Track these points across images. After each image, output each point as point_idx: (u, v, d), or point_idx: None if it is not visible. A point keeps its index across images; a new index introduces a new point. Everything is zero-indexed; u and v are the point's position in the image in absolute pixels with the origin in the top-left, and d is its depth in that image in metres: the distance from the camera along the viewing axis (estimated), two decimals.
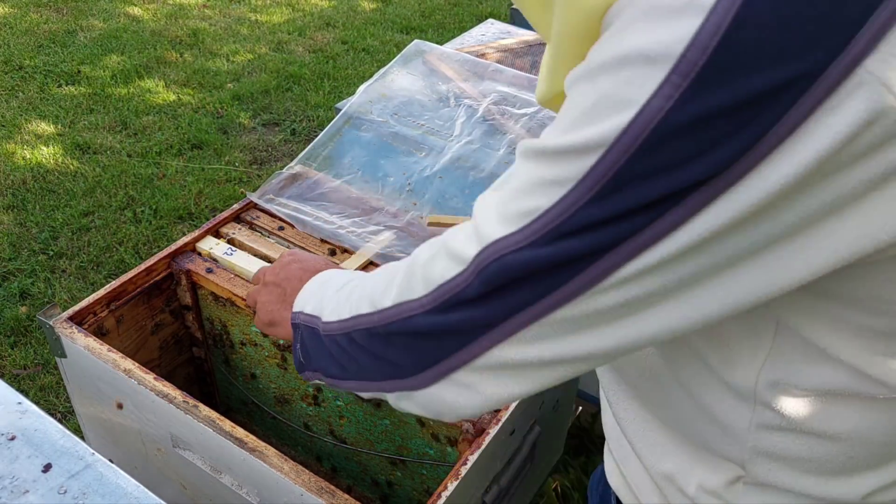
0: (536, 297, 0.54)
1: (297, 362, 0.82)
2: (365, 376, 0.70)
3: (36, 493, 0.73)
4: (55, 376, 2.12)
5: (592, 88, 0.47)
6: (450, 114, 1.53)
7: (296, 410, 1.38)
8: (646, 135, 0.44)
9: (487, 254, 0.54)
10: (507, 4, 4.60)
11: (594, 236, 0.49)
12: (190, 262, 1.29)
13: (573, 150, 0.48)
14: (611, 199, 0.47)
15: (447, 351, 0.61)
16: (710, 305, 0.50)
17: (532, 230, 0.51)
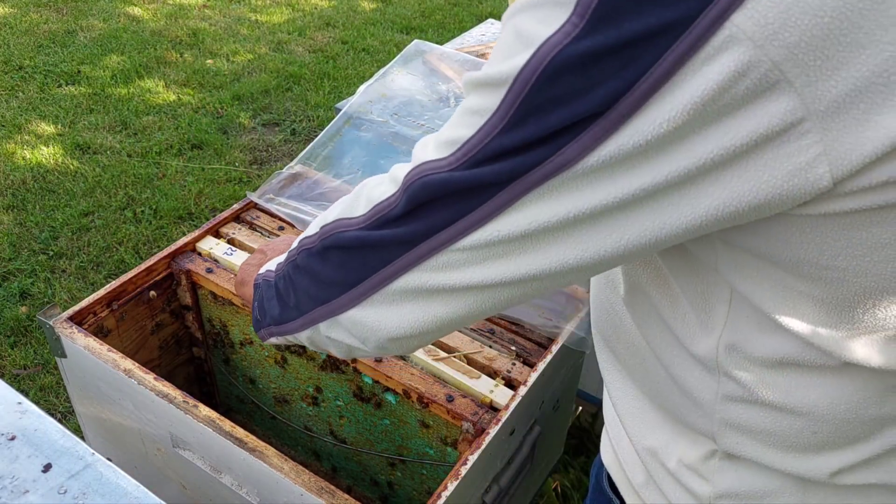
0: (450, 220, 0.57)
1: (254, 321, 0.84)
2: (302, 306, 0.72)
3: (36, 493, 0.73)
4: (55, 376, 2.12)
5: (513, 26, 0.52)
6: (450, 114, 1.53)
7: (296, 410, 1.38)
8: (543, 66, 0.48)
9: (414, 173, 0.58)
10: (506, 4, 4.59)
11: (503, 164, 0.53)
12: (190, 262, 1.29)
13: (491, 81, 0.52)
14: (518, 130, 0.51)
15: (371, 268, 0.63)
16: (604, 243, 0.53)
17: (455, 157, 0.56)
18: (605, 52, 0.46)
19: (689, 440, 0.70)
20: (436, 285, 0.61)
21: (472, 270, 0.59)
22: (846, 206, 0.48)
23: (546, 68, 0.48)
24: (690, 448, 0.70)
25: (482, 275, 0.58)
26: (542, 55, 0.48)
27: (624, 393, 0.77)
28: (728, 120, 0.46)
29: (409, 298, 0.63)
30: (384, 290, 0.63)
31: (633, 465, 0.78)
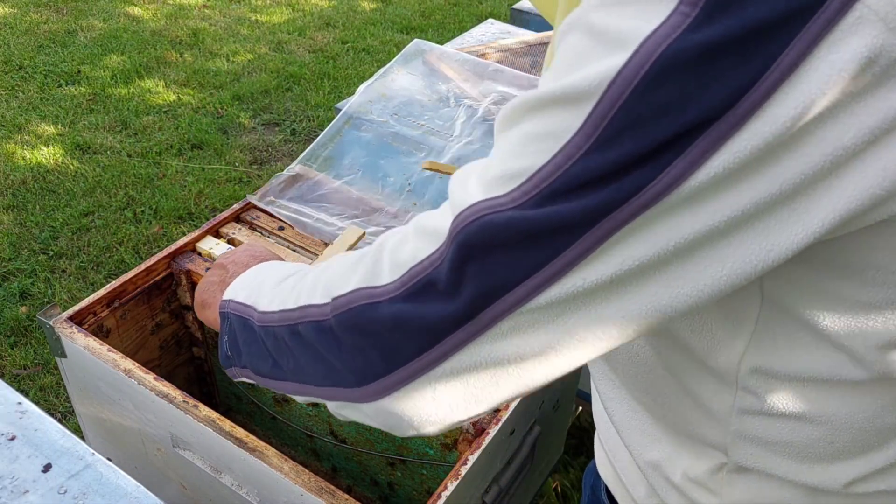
0: (520, 276, 0.46)
1: (223, 356, 0.73)
2: (303, 378, 0.61)
3: (36, 493, 0.73)
4: (55, 376, 2.12)
5: (589, 30, 0.44)
6: (450, 114, 1.53)
7: (296, 410, 1.38)
8: (647, 68, 0.41)
9: (465, 216, 0.47)
10: (507, 4, 4.60)
11: (590, 197, 0.43)
12: (190, 262, 1.29)
13: (569, 96, 0.44)
14: (609, 150, 0.42)
15: (409, 353, 0.51)
16: (700, 279, 0.45)
17: (522, 191, 0.45)
18: (724, 44, 0.40)
19: (694, 453, 0.66)
20: (498, 358, 0.49)
21: (547, 333, 0.47)
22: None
23: (651, 69, 0.41)
24: (697, 461, 0.66)
25: (558, 337, 0.47)
26: (645, 54, 0.41)
27: (620, 404, 0.72)
28: (850, 113, 0.40)
29: (460, 381, 0.50)
30: (427, 377, 0.51)
31: (634, 479, 0.75)
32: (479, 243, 0.46)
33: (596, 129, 0.42)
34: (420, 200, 1.38)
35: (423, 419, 0.53)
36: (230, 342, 0.71)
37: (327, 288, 0.57)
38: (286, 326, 0.61)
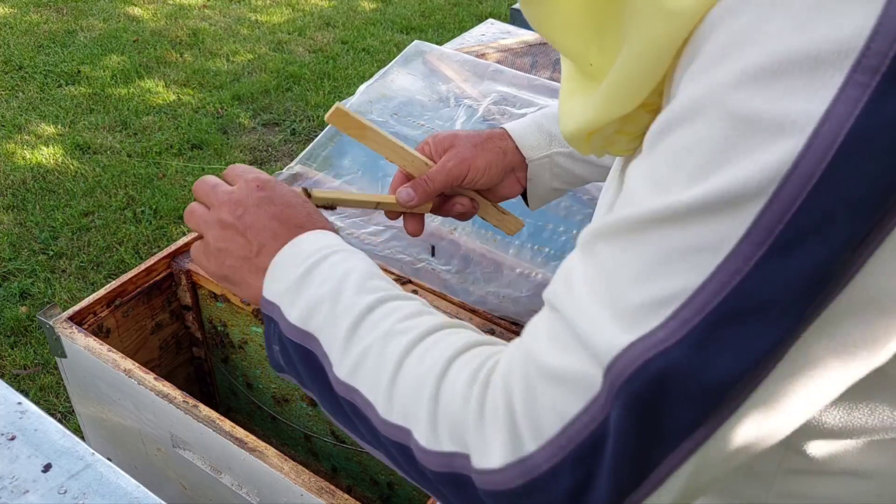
0: (699, 416, 0.40)
1: (274, 362, 0.66)
2: (411, 476, 0.55)
3: (36, 493, 0.73)
4: (55, 376, 2.12)
5: (729, 117, 0.37)
6: (450, 114, 1.53)
7: (296, 410, 1.38)
8: (833, 154, 0.35)
9: (621, 366, 0.40)
10: (507, 4, 4.60)
11: (776, 310, 0.37)
12: (190, 262, 1.29)
13: (723, 200, 0.37)
14: (792, 255, 0.36)
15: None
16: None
17: (680, 320, 0.38)
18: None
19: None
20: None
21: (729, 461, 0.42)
22: None
23: (838, 154, 0.35)
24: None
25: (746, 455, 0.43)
26: (827, 137, 0.35)
27: None
28: None
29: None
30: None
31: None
32: (650, 396, 0.39)
33: (770, 234, 0.36)
34: None
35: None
36: (282, 353, 0.63)
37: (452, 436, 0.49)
38: (396, 444, 0.53)
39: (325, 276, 0.61)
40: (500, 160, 0.90)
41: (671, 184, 0.40)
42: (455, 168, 0.89)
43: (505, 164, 0.91)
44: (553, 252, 1.29)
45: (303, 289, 0.61)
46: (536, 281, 1.24)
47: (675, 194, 0.39)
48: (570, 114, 0.56)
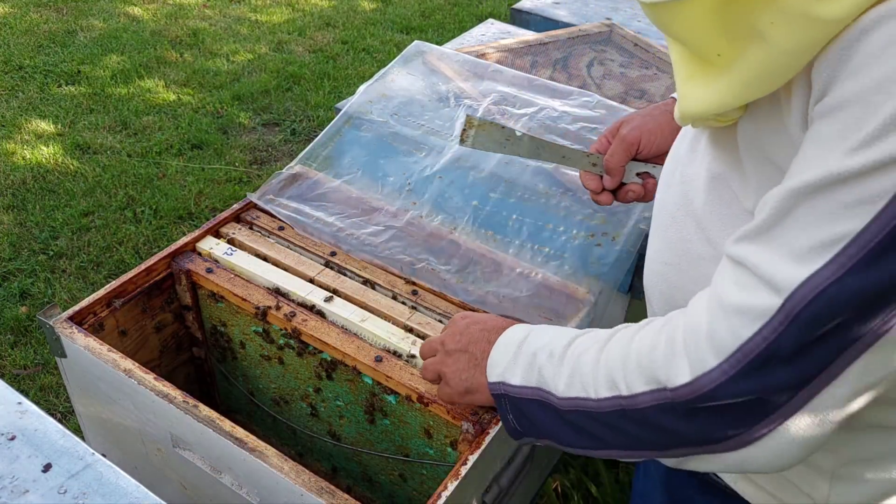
0: (867, 327, 0.52)
1: (512, 430, 0.81)
2: (636, 446, 0.68)
3: (36, 493, 0.73)
4: (55, 376, 2.12)
5: (890, 100, 0.48)
6: (450, 114, 1.53)
7: (295, 410, 1.38)
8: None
9: (801, 296, 0.53)
10: (507, 4, 4.60)
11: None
12: (190, 262, 1.29)
13: (881, 163, 0.48)
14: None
15: (765, 411, 0.58)
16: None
17: (847, 256, 0.51)
18: None
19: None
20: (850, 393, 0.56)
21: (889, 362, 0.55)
22: None
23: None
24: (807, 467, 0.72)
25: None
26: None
27: None
28: None
29: (813, 424, 0.58)
30: (784, 426, 0.58)
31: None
32: (827, 317, 0.52)
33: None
34: (420, 200, 1.38)
35: (784, 457, 0.60)
36: (516, 420, 0.79)
37: (649, 376, 0.65)
38: (611, 413, 0.68)
39: (532, 345, 0.80)
40: (668, 120, 0.99)
41: (837, 153, 0.51)
42: (629, 135, 0.99)
43: (673, 125, 0.98)
44: (553, 252, 1.29)
45: (518, 359, 0.80)
46: (536, 281, 1.24)
47: (840, 161, 0.50)
48: (693, 97, 0.64)
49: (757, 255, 0.57)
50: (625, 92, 1.80)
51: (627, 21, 2.22)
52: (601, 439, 0.71)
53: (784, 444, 0.59)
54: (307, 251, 1.32)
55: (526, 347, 0.80)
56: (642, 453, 0.69)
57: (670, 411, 0.63)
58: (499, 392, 0.80)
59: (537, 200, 1.36)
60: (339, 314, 1.19)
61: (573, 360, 0.74)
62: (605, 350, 0.71)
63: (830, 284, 0.51)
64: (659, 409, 0.64)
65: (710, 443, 0.63)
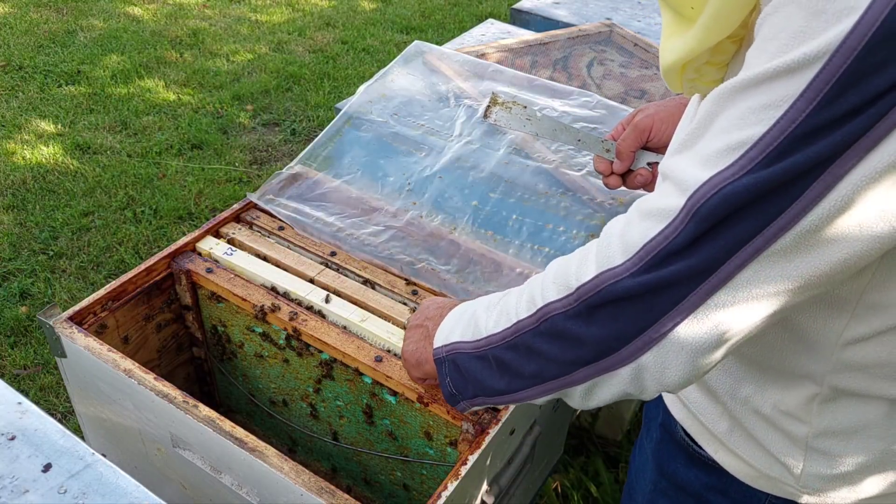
0: (757, 228, 0.53)
1: (448, 395, 0.82)
2: (548, 375, 0.69)
3: (36, 493, 0.73)
4: (55, 376, 2.12)
5: (799, 9, 0.50)
6: (450, 114, 1.53)
7: (295, 411, 1.38)
8: (876, 27, 0.46)
9: (701, 193, 0.55)
10: (507, 4, 4.60)
11: (821, 144, 0.50)
12: (190, 262, 1.29)
13: (790, 68, 0.50)
14: (836, 103, 0.49)
15: (659, 311, 0.59)
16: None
17: (748, 158, 0.52)
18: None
19: (784, 386, 0.73)
20: (741, 302, 0.57)
21: (784, 276, 0.55)
22: None
23: (879, 30, 0.46)
24: (787, 393, 0.73)
25: (797, 273, 0.55)
26: (874, 14, 0.46)
27: None
28: None
29: (702, 330, 0.59)
30: (675, 332, 0.60)
31: (714, 416, 0.81)
32: (722, 212, 0.54)
33: (819, 92, 0.49)
34: (420, 200, 1.38)
35: (674, 370, 0.62)
36: (453, 382, 0.81)
37: (562, 283, 0.67)
38: (527, 332, 0.70)
39: (470, 310, 0.83)
40: (681, 111, 1.01)
41: (756, 61, 0.53)
42: (641, 122, 1.02)
43: None
44: (553, 252, 1.29)
45: (461, 321, 0.83)
46: None
47: (756, 68, 0.52)
48: (670, 49, 0.67)
49: (676, 164, 0.59)
50: (625, 92, 1.80)
51: (627, 21, 2.22)
52: (519, 372, 0.72)
53: (673, 351, 0.60)
54: (307, 251, 1.32)
55: (468, 308, 0.83)
56: (555, 384, 0.70)
57: (574, 316, 0.65)
58: (439, 356, 0.82)
59: (537, 200, 1.36)
60: (339, 314, 1.19)
61: (504, 300, 0.77)
62: (530, 280, 0.75)
63: (728, 184, 0.53)
64: (565, 315, 0.66)
65: (607, 353, 0.64)
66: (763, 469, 0.79)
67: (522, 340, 0.71)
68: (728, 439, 0.81)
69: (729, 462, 0.82)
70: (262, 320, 1.23)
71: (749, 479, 0.81)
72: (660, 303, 0.59)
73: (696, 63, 0.66)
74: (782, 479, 0.78)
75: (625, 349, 0.63)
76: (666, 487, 0.93)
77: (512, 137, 1.44)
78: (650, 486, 0.96)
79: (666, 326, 0.60)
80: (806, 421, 0.73)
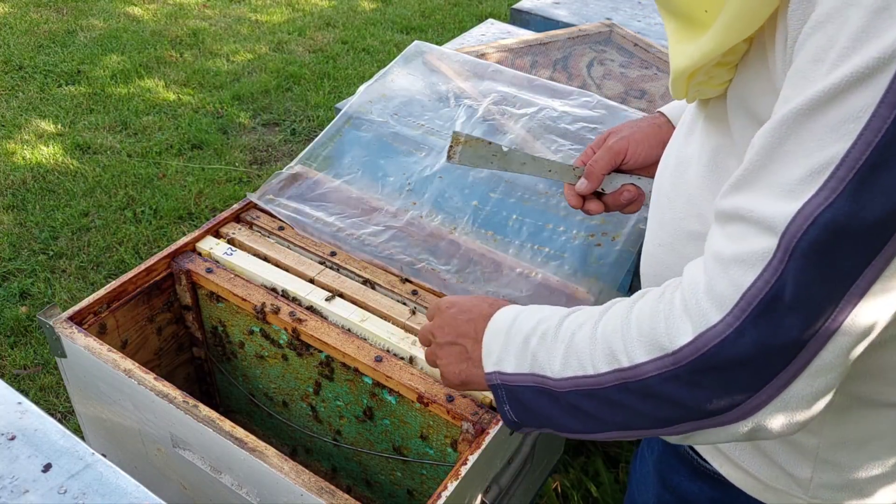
0: (868, 256, 0.49)
1: (509, 421, 0.78)
2: (638, 426, 0.66)
3: (36, 493, 0.73)
4: (55, 376, 2.12)
5: (858, 8, 0.46)
6: (450, 114, 1.53)
7: (295, 411, 1.38)
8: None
9: (796, 227, 0.50)
10: (507, 4, 4.60)
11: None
12: (190, 262, 1.29)
13: (860, 74, 0.46)
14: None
15: (774, 369, 0.54)
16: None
17: (837, 179, 0.48)
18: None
19: None
20: (858, 340, 0.53)
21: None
22: None
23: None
24: None
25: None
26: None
27: None
28: None
29: (826, 378, 0.54)
30: (795, 385, 0.54)
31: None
32: (824, 245, 0.49)
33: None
34: (420, 200, 1.38)
35: (797, 420, 0.57)
36: (514, 410, 0.76)
37: (652, 344, 0.62)
38: (610, 388, 0.65)
39: (522, 330, 0.76)
40: (656, 132, 0.99)
41: (815, 75, 0.49)
42: (616, 144, 0.99)
43: (660, 136, 0.99)
44: (553, 252, 1.29)
45: (510, 347, 0.76)
46: (536, 281, 1.24)
47: (819, 83, 0.48)
48: (683, 53, 0.64)
49: (747, 202, 0.54)
50: (625, 92, 1.80)
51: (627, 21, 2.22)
52: (600, 419, 0.68)
53: (793, 403, 0.56)
54: (307, 251, 1.32)
55: (515, 332, 0.77)
56: (643, 432, 0.66)
57: (673, 379, 0.60)
58: (494, 382, 0.77)
59: (537, 200, 1.36)
60: (339, 314, 1.19)
61: (567, 338, 0.71)
62: (601, 324, 0.69)
63: (823, 211, 0.48)
64: (661, 378, 0.61)
65: (714, 414, 0.59)
66: (770, 482, 0.77)
67: (605, 394, 0.66)
68: (734, 452, 0.79)
69: (735, 475, 0.80)
70: (262, 320, 1.23)
71: (756, 492, 0.79)
72: (774, 357, 0.54)
73: (708, 65, 0.64)
74: (790, 492, 0.77)
75: (737, 410, 0.58)
76: (670, 501, 0.92)
77: (512, 137, 1.44)
78: (654, 500, 0.95)
79: (784, 380, 0.55)
80: (817, 432, 0.72)
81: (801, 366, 0.54)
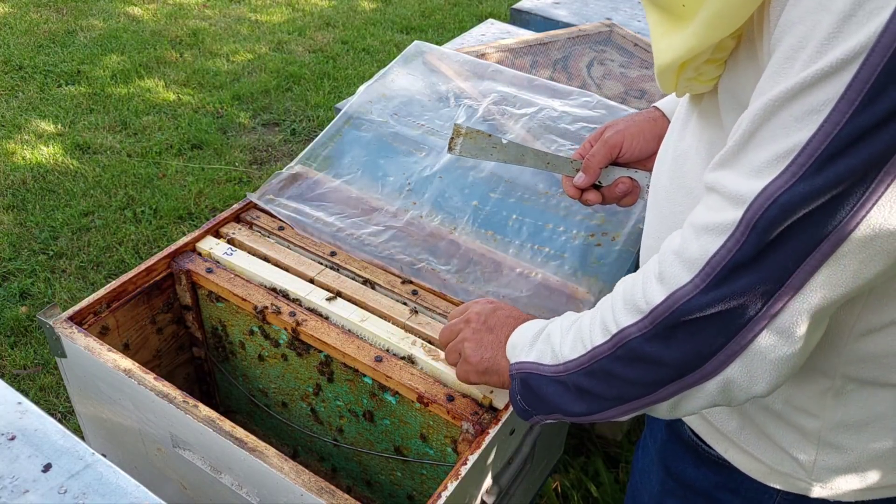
0: (821, 233, 0.54)
1: (521, 410, 0.84)
2: (630, 396, 0.70)
3: (36, 493, 0.73)
4: (55, 376, 2.12)
5: (828, 13, 0.50)
6: (450, 114, 1.53)
7: (295, 411, 1.38)
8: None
9: (758, 204, 0.55)
10: (507, 4, 4.60)
11: (871, 144, 0.50)
12: (190, 262, 1.29)
13: (826, 72, 0.50)
14: (879, 101, 0.49)
15: (737, 323, 0.60)
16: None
17: (798, 164, 0.53)
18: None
19: (795, 381, 0.73)
20: (817, 306, 0.57)
21: (856, 276, 0.56)
22: None
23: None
24: (799, 388, 0.73)
25: (869, 271, 0.55)
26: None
27: None
28: None
29: (787, 334, 0.59)
30: (757, 341, 0.60)
31: (723, 414, 0.81)
32: (782, 222, 0.55)
33: (860, 92, 0.49)
34: (420, 200, 1.38)
35: (760, 379, 0.62)
36: (524, 399, 0.82)
37: (632, 307, 0.68)
38: (604, 358, 0.71)
39: (550, 329, 0.83)
40: (651, 126, 1.02)
41: (789, 72, 0.54)
42: (611, 138, 1.02)
43: (655, 130, 1.02)
44: (553, 252, 1.29)
45: (536, 343, 0.83)
46: (536, 281, 1.24)
47: (791, 78, 0.52)
48: (668, 48, 0.66)
49: (724, 178, 0.60)
50: (625, 92, 1.80)
51: (627, 21, 2.22)
52: (599, 396, 0.73)
53: (757, 360, 0.61)
54: (307, 251, 1.32)
55: (544, 333, 0.84)
56: (635, 403, 0.71)
57: (652, 338, 0.66)
58: (513, 372, 0.83)
59: (537, 200, 1.36)
60: (339, 314, 1.19)
61: (577, 324, 0.78)
62: (600, 303, 0.76)
63: (783, 192, 0.54)
64: (642, 338, 0.67)
65: (691, 370, 0.64)
66: (774, 465, 0.79)
67: (600, 366, 0.72)
68: (738, 437, 0.81)
69: (739, 460, 0.82)
70: (262, 320, 1.23)
71: (760, 476, 0.81)
72: (736, 316, 0.60)
73: (696, 62, 0.66)
74: (794, 474, 0.78)
75: (708, 364, 0.63)
76: (674, 488, 0.93)
77: (512, 137, 1.44)
78: (658, 487, 0.96)
79: (746, 338, 0.60)
80: (818, 415, 0.74)
81: (762, 326, 0.59)
